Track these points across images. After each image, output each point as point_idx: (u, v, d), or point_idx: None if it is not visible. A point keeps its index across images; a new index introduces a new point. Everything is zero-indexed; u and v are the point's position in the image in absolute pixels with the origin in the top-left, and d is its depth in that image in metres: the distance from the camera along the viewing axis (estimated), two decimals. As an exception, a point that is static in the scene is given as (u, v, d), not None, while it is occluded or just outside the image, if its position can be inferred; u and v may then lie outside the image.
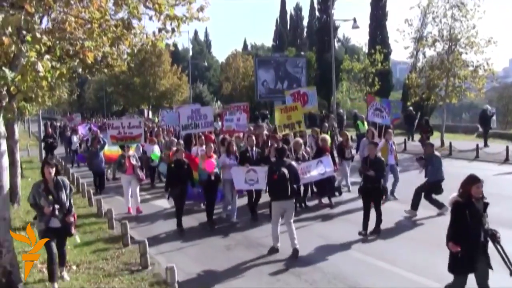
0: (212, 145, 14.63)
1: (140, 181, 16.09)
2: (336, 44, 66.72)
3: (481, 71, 30.53)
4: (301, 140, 15.40)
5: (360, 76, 39.80)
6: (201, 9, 9.45)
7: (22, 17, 7.05)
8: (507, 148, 23.20)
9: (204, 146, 15.32)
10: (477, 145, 24.85)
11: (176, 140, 18.80)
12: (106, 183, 20.66)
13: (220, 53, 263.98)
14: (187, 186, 13.63)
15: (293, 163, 11.53)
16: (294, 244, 10.80)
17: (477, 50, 30.44)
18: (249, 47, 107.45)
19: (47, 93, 14.52)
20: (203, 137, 17.16)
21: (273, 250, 11.12)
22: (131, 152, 16.12)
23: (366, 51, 47.47)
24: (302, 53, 62.32)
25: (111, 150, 19.52)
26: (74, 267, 10.27)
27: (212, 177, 13.54)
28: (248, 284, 9.65)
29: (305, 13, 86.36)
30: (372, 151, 12.61)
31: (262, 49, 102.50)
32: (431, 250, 10.54)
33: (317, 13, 64.52)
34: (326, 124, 22.01)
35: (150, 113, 61.83)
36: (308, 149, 16.15)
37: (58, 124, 51.93)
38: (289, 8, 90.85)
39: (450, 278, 7.95)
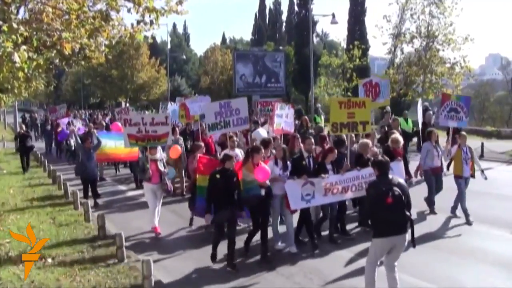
0: (262, 149, 10.37)
1: (167, 192, 13.17)
2: (315, 39, 67.08)
3: (458, 68, 31.15)
4: (370, 143, 12.10)
5: (338, 72, 40.04)
6: (180, 2, 9.42)
7: (-1, 7, 6.98)
8: (482, 144, 23.60)
9: (236, 149, 12.86)
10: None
11: (181, 138, 16.89)
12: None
13: (199, 46, 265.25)
14: (235, 208, 9.85)
15: (401, 180, 7.95)
16: None
17: (454, 47, 31.03)
18: (227, 40, 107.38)
19: (23, 84, 14.34)
20: (234, 138, 13.95)
21: None
22: (158, 155, 12.64)
23: (345, 46, 47.71)
24: (281, 47, 62.32)
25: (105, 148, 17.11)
26: (49, 260, 10.18)
27: (263, 192, 10.08)
28: None
29: (284, 8, 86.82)
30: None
31: (241, 43, 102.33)
32: (424, 251, 10.20)
33: (296, 8, 64.55)
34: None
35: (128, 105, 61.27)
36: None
37: (39, 117, 46.63)
38: (268, 3, 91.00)
39: (443, 278, 7.93)
